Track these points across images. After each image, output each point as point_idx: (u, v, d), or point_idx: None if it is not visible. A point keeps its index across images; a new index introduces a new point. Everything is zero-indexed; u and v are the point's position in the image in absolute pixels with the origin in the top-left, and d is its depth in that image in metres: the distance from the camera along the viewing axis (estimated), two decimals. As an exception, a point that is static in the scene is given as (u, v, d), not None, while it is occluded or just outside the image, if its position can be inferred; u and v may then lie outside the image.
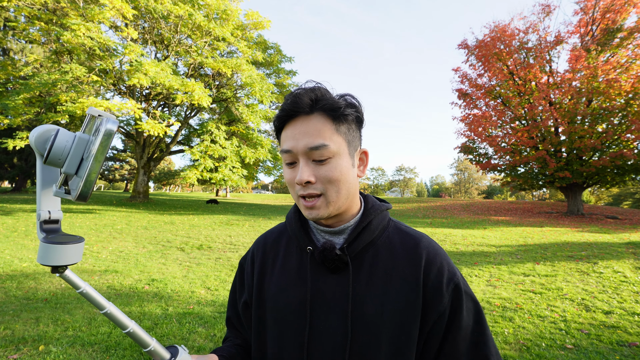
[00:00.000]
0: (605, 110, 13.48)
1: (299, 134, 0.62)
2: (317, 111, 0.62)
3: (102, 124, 0.41)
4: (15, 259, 5.97)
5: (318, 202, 0.63)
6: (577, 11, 15.51)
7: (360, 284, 0.64)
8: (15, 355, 2.71)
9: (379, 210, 0.70)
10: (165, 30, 13.92)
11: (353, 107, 0.65)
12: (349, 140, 0.65)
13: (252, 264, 0.78)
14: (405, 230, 0.71)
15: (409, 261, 0.65)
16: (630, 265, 5.61)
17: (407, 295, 0.62)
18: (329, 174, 0.61)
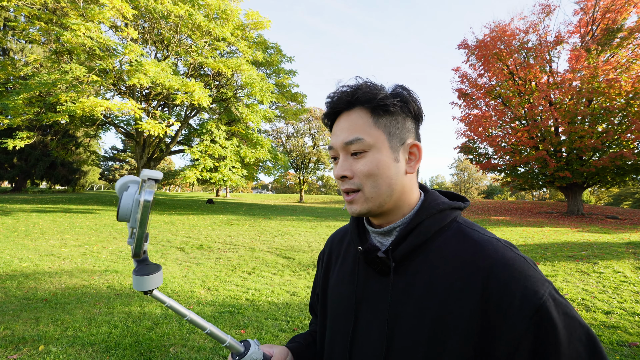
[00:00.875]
0: (606, 110, 13.48)
1: (339, 130, 0.63)
2: (357, 105, 0.62)
3: (141, 195, 0.49)
4: (15, 259, 5.97)
5: (356, 197, 0.62)
6: (577, 11, 15.51)
7: (398, 292, 0.60)
8: (15, 355, 2.71)
9: (435, 209, 0.63)
10: (165, 30, 13.92)
11: (398, 97, 0.62)
12: (392, 132, 0.62)
13: (322, 260, 0.84)
14: (470, 234, 0.60)
15: (465, 271, 0.55)
16: (631, 266, 5.61)
17: (450, 311, 0.54)
18: (364, 168, 0.60)
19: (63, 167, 25.29)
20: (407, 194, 0.64)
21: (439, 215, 0.63)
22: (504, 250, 0.56)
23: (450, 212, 0.64)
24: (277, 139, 33.77)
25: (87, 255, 6.51)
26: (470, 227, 0.62)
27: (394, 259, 0.61)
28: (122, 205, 0.50)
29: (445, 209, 0.63)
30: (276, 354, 0.69)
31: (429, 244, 0.61)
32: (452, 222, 0.63)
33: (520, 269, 0.53)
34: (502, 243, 0.58)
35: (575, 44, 15.65)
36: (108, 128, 18.37)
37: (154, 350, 2.86)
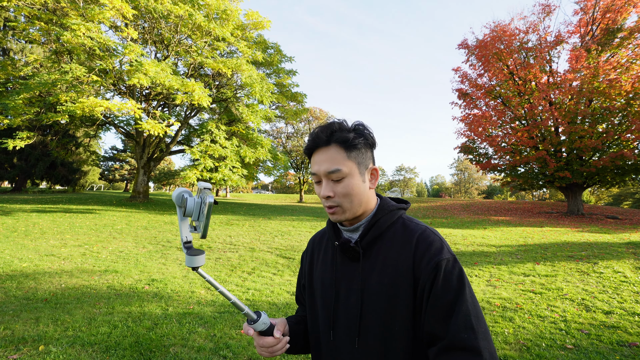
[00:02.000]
0: (606, 110, 13.48)
1: (320, 161, 0.83)
2: (333, 143, 0.82)
3: (206, 197, 0.74)
4: (15, 259, 5.97)
5: (337, 210, 0.84)
6: (577, 11, 15.51)
7: (367, 269, 0.83)
8: (15, 356, 2.71)
9: (386, 210, 0.87)
10: (165, 30, 13.92)
11: (361, 137, 0.84)
12: (360, 162, 0.83)
13: (306, 256, 1.05)
14: (409, 225, 0.85)
15: (404, 249, 0.80)
16: (631, 266, 5.61)
17: (398, 275, 0.78)
18: (343, 190, 0.82)
19: (63, 167, 25.28)
20: (369, 202, 0.87)
21: (390, 214, 0.87)
22: (428, 231, 0.82)
23: (397, 211, 0.88)
24: (277, 139, 33.75)
25: (87, 255, 6.51)
26: (410, 220, 0.87)
27: (362, 247, 0.84)
28: (188, 205, 0.75)
29: (394, 209, 0.88)
30: (278, 322, 0.90)
31: (384, 234, 0.85)
32: (399, 218, 0.87)
33: (436, 241, 0.80)
34: (428, 229, 0.84)
35: (575, 44, 15.65)
36: (108, 128, 18.36)
37: (154, 350, 2.86)
